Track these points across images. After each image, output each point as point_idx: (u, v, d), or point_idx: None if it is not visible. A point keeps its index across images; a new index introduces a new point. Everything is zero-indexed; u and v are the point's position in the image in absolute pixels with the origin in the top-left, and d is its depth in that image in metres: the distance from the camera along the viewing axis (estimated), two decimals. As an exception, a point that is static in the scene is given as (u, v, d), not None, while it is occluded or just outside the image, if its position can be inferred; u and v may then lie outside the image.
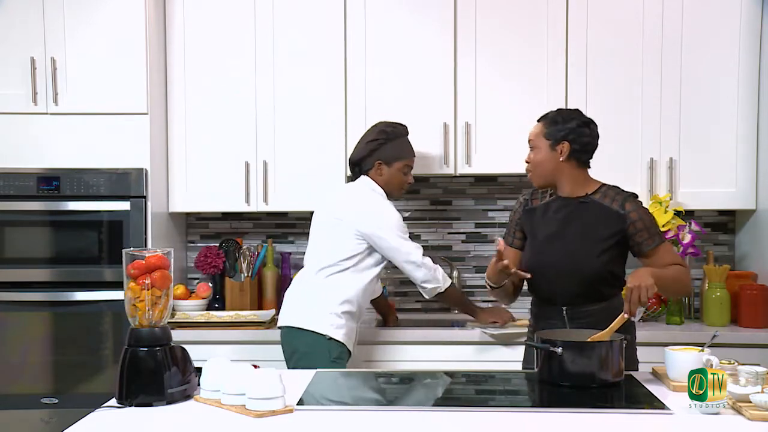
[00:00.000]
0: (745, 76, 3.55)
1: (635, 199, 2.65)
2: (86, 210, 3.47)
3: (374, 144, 3.22)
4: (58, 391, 3.47)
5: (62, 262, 3.49)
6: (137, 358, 2.21)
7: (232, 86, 3.66)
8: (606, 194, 2.65)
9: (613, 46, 3.57)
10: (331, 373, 2.69)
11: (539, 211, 2.72)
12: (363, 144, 3.25)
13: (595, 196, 2.65)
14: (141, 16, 3.46)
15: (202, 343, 3.27)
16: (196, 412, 2.16)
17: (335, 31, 3.64)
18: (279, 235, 4.03)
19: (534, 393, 2.43)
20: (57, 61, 3.45)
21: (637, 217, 2.60)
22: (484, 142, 3.58)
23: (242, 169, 3.66)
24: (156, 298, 2.24)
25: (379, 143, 3.21)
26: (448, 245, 4.00)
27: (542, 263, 2.67)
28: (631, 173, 3.56)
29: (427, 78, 3.62)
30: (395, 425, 2.06)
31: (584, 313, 2.62)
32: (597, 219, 2.62)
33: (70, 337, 3.48)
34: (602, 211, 2.62)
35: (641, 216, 2.61)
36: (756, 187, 3.56)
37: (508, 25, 3.60)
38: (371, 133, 3.26)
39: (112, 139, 3.47)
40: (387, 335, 3.43)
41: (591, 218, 2.63)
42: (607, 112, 3.52)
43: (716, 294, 3.49)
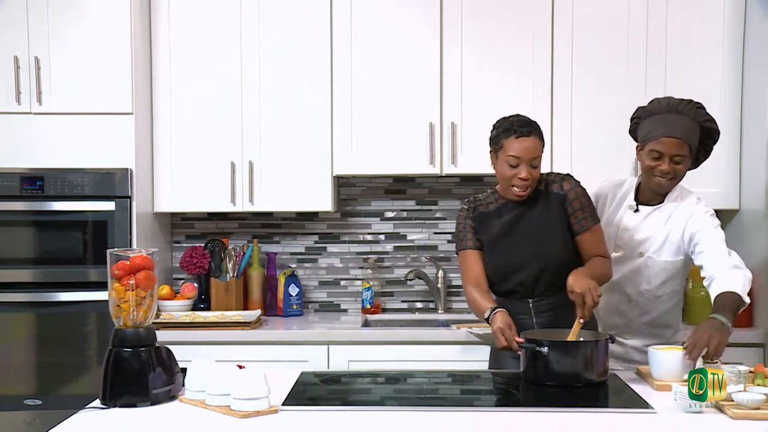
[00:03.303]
0: (728, 77, 3.57)
1: (571, 178, 2.71)
2: (70, 210, 3.44)
3: None
4: (42, 392, 3.44)
5: (46, 263, 3.47)
6: (121, 358, 2.20)
7: (218, 86, 3.65)
8: (546, 181, 2.69)
9: (599, 47, 3.58)
10: (316, 373, 2.69)
11: (493, 214, 2.73)
12: None
13: (540, 186, 2.69)
14: (126, 16, 3.44)
15: (187, 343, 3.25)
16: (180, 412, 2.15)
17: (321, 30, 3.64)
18: (265, 235, 4.02)
19: (519, 393, 2.44)
20: (41, 60, 3.43)
21: (575, 196, 2.66)
22: (470, 143, 3.58)
23: (228, 169, 3.66)
24: (140, 299, 2.23)
25: None
26: (434, 245, 4.01)
27: (507, 260, 2.68)
28: (616, 173, 3.55)
29: (413, 78, 3.63)
30: (381, 425, 2.06)
31: (549, 305, 2.65)
32: (549, 207, 2.66)
33: (54, 337, 3.46)
34: (550, 198, 2.67)
35: (578, 195, 2.66)
36: (739, 188, 3.58)
37: (494, 25, 3.60)
38: None
39: (97, 139, 3.45)
40: (372, 335, 3.43)
41: (543, 208, 2.67)
42: (592, 112, 3.55)
43: (700, 293, 3.50)
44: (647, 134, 2.68)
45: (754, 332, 3.37)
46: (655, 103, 2.73)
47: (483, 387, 2.60)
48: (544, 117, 3.54)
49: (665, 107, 2.69)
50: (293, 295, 3.80)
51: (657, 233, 2.73)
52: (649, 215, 2.75)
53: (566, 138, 3.60)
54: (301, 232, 4.03)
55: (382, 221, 4.02)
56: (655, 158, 2.65)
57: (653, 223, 2.74)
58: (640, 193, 2.80)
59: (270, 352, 3.35)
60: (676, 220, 2.70)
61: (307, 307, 4.00)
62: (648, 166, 2.68)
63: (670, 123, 2.63)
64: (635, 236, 2.75)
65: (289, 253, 4.04)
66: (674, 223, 2.71)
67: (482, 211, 2.74)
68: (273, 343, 3.39)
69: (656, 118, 2.68)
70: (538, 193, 2.67)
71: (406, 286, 4.00)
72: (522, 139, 2.59)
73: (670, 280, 2.75)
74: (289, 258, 4.03)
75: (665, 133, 2.62)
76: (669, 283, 2.75)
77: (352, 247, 4.02)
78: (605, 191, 2.89)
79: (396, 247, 4.02)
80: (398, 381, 2.60)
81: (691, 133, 2.65)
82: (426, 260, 3.97)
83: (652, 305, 2.77)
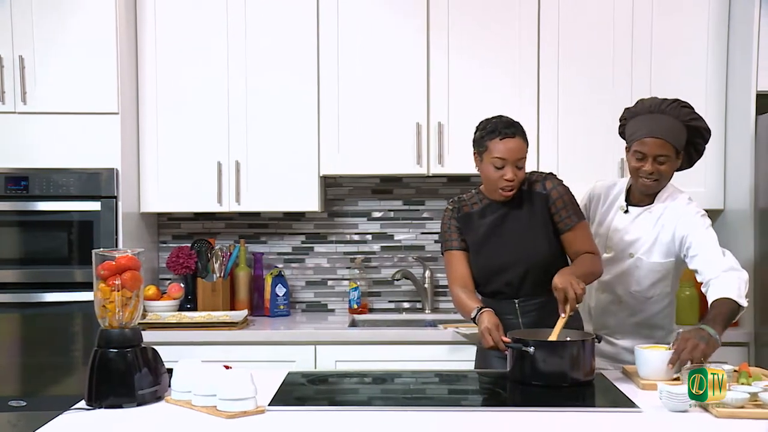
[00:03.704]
0: (712, 78, 3.59)
1: (554, 177, 2.71)
2: (56, 210, 3.43)
3: None
4: (26, 393, 3.42)
5: (31, 263, 3.45)
6: (107, 359, 2.19)
7: (205, 85, 3.64)
8: (529, 181, 2.69)
9: (585, 47, 3.60)
10: (303, 373, 2.68)
11: (476, 215, 2.73)
12: None
13: (523, 186, 2.69)
14: (111, 14, 3.43)
15: (173, 344, 3.24)
16: (166, 413, 2.14)
17: (308, 30, 3.63)
18: (251, 235, 4.01)
19: (506, 392, 2.44)
20: (25, 59, 3.41)
21: (558, 195, 2.65)
22: (457, 143, 3.58)
23: (214, 169, 3.65)
24: (126, 299, 2.22)
25: None
26: (421, 245, 4.01)
27: (492, 261, 2.68)
28: (602, 173, 3.57)
29: (400, 79, 3.63)
30: (368, 425, 2.06)
31: (535, 305, 2.65)
32: (532, 207, 2.66)
33: (40, 338, 3.44)
34: (533, 198, 2.66)
35: (561, 194, 2.66)
36: (724, 188, 3.61)
37: (481, 26, 3.61)
38: None
39: (82, 139, 3.44)
40: (359, 335, 3.43)
41: (527, 208, 2.67)
42: (578, 112, 3.57)
43: (686, 293, 3.53)
44: (631, 135, 2.69)
45: (739, 331, 3.39)
46: (639, 104, 2.74)
47: (470, 387, 2.60)
48: (531, 117, 3.55)
49: (648, 108, 2.69)
50: (280, 295, 3.79)
51: (646, 234, 2.73)
52: (639, 216, 2.75)
53: (552, 138, 3.61)
54: (288, 232, 4.03)
55: (369, 221, 4.02)
56: (639, 159, 2.66)
57: (643, 224, 2.74)
58: (630, 194, 2.80)
59: (257, 352, 3.35)
60: (666, 222, 2.70)
61: (294, 307, 3.99)
62: (633, 167, 2.69)
63: (653, 123, 2.64)
64: (625, 237, 2.75)
65: (276, 253, 4.03)
66: (664, 225, 2.70)
67: (467, 212, 2.74)
68: (260, 344, 3.39)
69: (640, 119, 2.69)
70: (522, 193, 2.67)
71: (393, 286, 4.00)
72: (506, 141, 2.59)
73: (660, 281, 2.75)
74: (276, 258, 4.02)
75: (647, 134, 2.63)
76: (659, 285, 2.76)
77: (339, 247, 4.02)
78: (598, 192, 2.89)
79: (383, 247, 4.02)
80: (385, 381, 2.60)
81: (676, 133, 2.65)
82: (413, 260, 3.98)
83: (642, 306, 2.78)
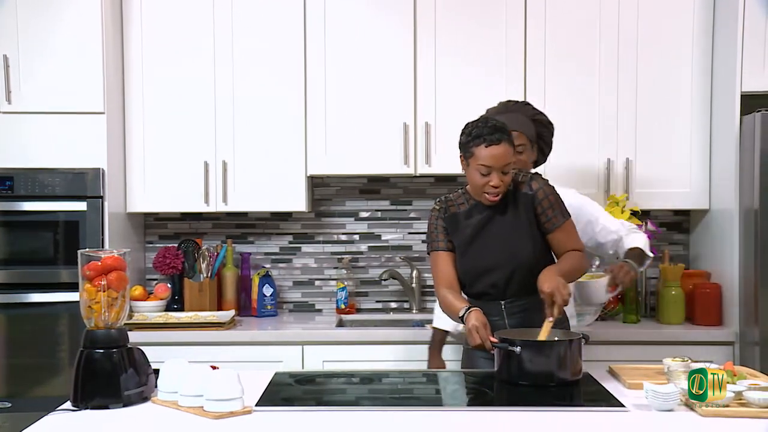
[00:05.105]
0: (698, 79, 3.61)
1: (539, 177, 2.70)
2: (41, 210, 3.41)
3: None
4: (11, 394, 3.40)
5: (17, 264, 3.43)
6: (93, 360, 2.18)
7: (191, 85, 3.63)
8: (515, 182, 2.67)
9: (571, 48, 3.61)
10: (290, 373, 2.68)
11: (462, 216, 2.73)
12: None
13: (509, 187, 2.67)
14: (97, 14, 3.41)
15: (160, 344, 3.23)
16: (153, 414, 2.14)
17: (295, 31, 3.63)
18: (239, 235, 4.00)
19: (493, 392, 2.45)
20: (10, 58, 3.39)
21: (544, 195, 2.65)
22: (444, 143, 3.59)
23: (201, 169, 3.64)
24: (112, 300, 2.22)
25: None
26: (408, 245, 4.01)
27: (478, 262, 2.67)
28: (588, 174, 3.60)
29: (388, 79, 3.63)
30: (355, 425, 2.06)
31: (521, 306, 2.65)
32: (518, 208, 2.65)
33: (25, 339, 3.42)
34: (519, 199, 2.66)
35: (548, 194, 2.66)
36: (709, 188, 3.63)
37: (468, 26, 3.62)
38: None
39: (68, 139, 3.42)
40: (347, 335, 3.43)
41: (513, 209, 2.66)
42: (565, 113, 3.57)
43: (672, 292, 3.55)
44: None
45: (723, 331, 3.41)
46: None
47: (457, 386, 2.61)
48: (518, 117, 3.55)
49: (496, 111, 2.93)
50: (267, 295, 3.79)
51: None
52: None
53: (539, 138, 3.62)
54: (276, 233, 4.02)
55: (357, 221, 4.02)
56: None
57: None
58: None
59: (244, 352, 3.34)
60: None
61: (282, 307, 3.99)
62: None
63: (506, 120, 2.75)
64: None
65: (263, 253, 4.02)
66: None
67: (453, 212, 2.73)
68: (247, 344, 3.38)
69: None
70: (507, 194, 2.67)
71: (381, 286, 4.00)
72: (492, 147, 2.57)
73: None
74: (263, 258, 4.02)
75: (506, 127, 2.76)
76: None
77: (326, 247, 4.02)
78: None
79: (370, 247, 4.02)
80: (373, 381, 2.60)
81: (527, 126, 2.89)
82: (400, 260, 3.98)
83: None
